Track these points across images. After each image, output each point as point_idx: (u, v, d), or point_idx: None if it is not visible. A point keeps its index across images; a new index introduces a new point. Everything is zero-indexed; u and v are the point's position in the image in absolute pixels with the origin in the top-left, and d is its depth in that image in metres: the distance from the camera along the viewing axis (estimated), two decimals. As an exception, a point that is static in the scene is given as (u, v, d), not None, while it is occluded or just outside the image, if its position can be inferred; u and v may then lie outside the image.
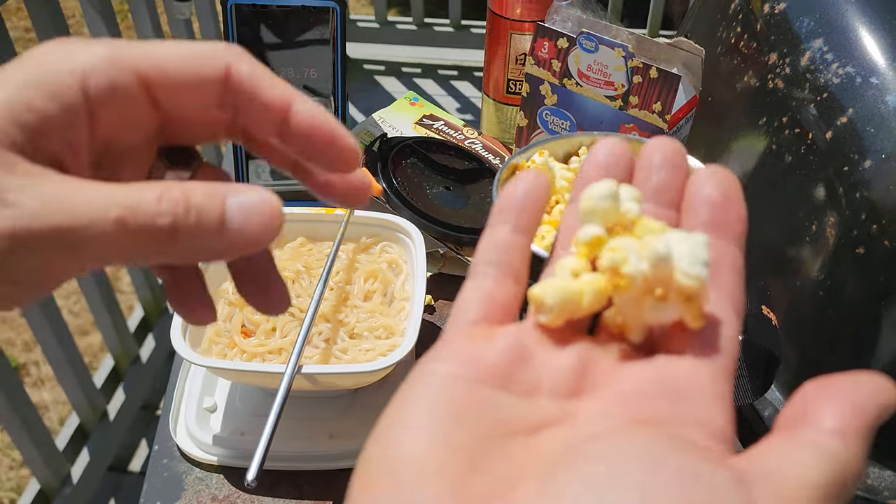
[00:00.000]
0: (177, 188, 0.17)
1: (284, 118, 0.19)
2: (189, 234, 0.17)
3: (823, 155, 0.42)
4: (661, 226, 0.18)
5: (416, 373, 0.17)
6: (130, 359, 1.14)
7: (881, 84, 0.40)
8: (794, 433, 0.16)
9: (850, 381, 0.16)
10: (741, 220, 0.19)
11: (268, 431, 0.37)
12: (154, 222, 0.17)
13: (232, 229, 0.18)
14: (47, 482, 0.95)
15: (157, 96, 0.19)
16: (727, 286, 0.19)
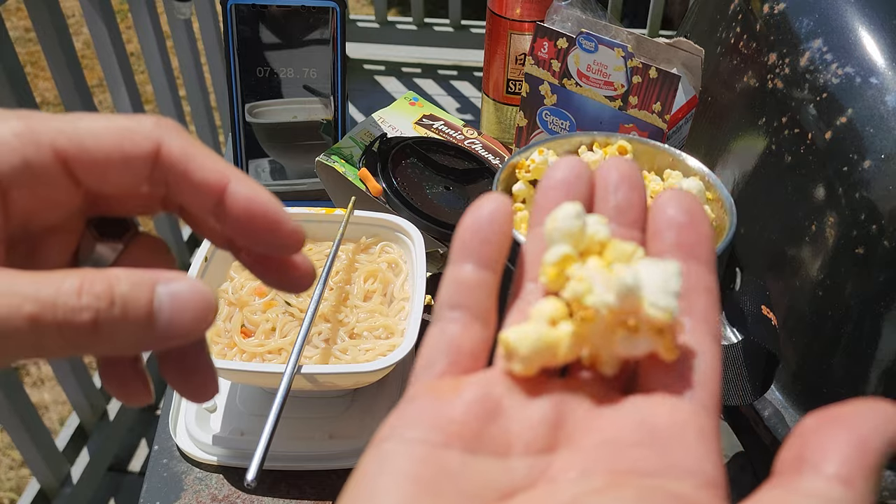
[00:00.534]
0: (99, 279, 0.16)
1: (219, 199, 0.18)
2: (113, 328, 0.16)
3: (823, 155, 0.42)
4: (633, 247, 0.18)
5: (381, 439, 0.16)
6: (130, 359, 1.14)
7: (881, 84, 0.40)
8: (792, 481, 0.14)
9: (851, 414, 0.15)
10: (708, 240, 0.18)
11: (267, 431, 0.37)
12: (73, 318, 0.15)
13: (161, 322, 0.16)
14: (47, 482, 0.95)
15: (77, 175, 0.18)
16: (702, 311, 0.18)
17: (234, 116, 0.60)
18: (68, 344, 0.16)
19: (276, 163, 0.63)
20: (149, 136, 0.18)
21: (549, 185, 0.20)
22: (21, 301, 0.15)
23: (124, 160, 0.18)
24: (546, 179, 0.20)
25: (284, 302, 0.47)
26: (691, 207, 0.18)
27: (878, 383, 0.41)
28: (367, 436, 0.45)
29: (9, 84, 0.78)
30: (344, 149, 0.58)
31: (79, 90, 0.92)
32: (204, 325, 0.17)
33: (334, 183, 0.58)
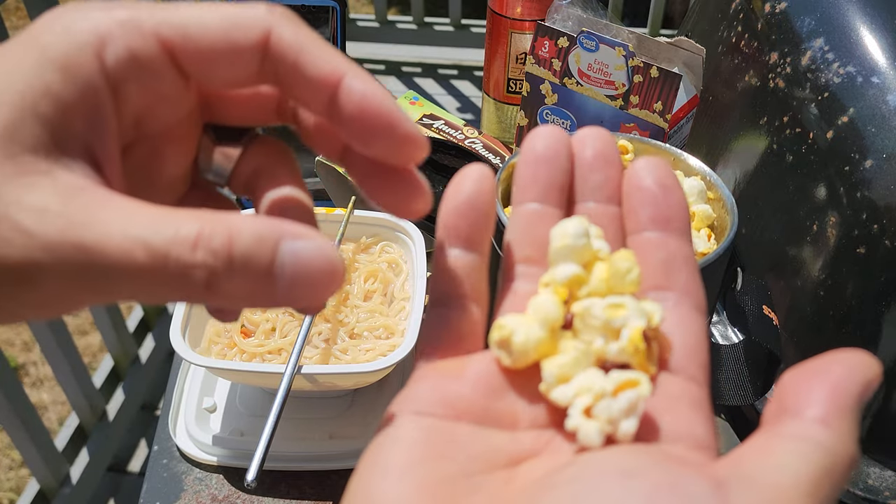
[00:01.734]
0: (219, 229, 0.14)
1: (333, 94, 0.16)
2: (228, 287, 0.15)
3: (824, 154, 0.42)
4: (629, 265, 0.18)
5: (391, 416, 0.17)
6: (130, 359, 1.14)
7: (882, 83, 0.40)
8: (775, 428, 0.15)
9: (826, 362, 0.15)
10: (682, 209, 0.18)
11: (267, 432, 0.37)
12: (186, 275, 0.14)
13: (281, 285, 0.15)
14: (47, 482, 0.95)
15: (185, 67, 0.16)
16: (684, 283, 0.18)
17: (234, 116, 0.60)
18: (177, 296, 0.15)
19: (276, 162, 0.63)
20: (258, 23, 0.16)
21: (531, 159, 0.19)
22: (133, 246, 0.14)
23: (232, 49, 0.16)
24: (526, 153, 0.20)
25: (284, 302, 0.47)
26: (663, 177, 0.19)
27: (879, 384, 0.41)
28: (367, 436, 0.45)
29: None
30: (344, 148, 0.58)
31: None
32: (327, 292, 0.15)
33: (334, 182, 0.58)
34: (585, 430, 0.16)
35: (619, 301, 0.17)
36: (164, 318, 1.24)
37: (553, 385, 0.17)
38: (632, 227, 0.19)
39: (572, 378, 0.17)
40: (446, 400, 0.17)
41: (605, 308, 0.17)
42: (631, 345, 0.17)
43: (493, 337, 0.18)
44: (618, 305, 0.17)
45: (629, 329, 0.17)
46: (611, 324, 0.17)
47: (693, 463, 0.15)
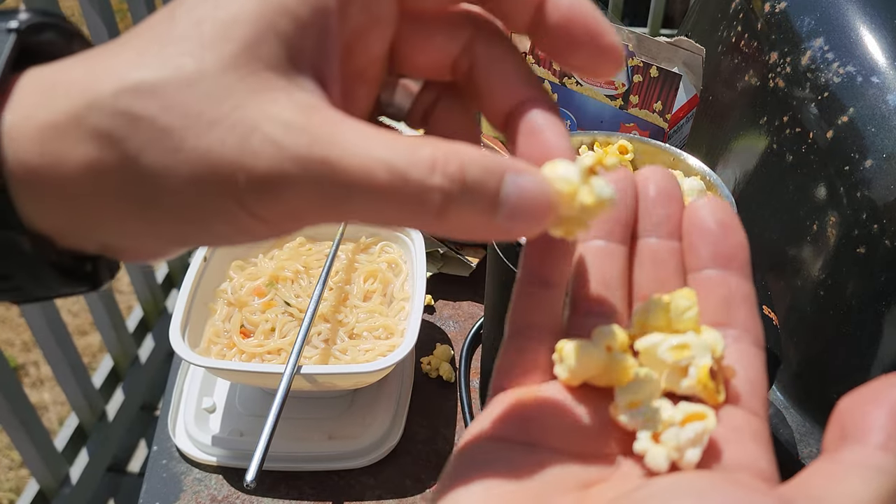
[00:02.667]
0: (452, 156, 0.15)
1: (540, 4, 0.17)
2: (455, 213, 0.15)
3: (824, 154, 0.42)
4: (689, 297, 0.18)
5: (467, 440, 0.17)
6: (129, 359, 1.14)
7: (882, 83, 0.40)
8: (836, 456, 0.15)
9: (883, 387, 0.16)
10: (743, 248, 0.19)
11: (267, 432, 0.37)
12: (423, 197, 0.15)
13: (501, 215, 0.15)
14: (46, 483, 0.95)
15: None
16: (743, 320, 0.19)
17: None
18: (408, 218, 0.15)
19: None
20: None
21: None
22: (375, 165, 0.14)
23: None
24: None
25: (284, 302, 0.47)
26: (725, 217, 0.19)
27: (880, 383, 0.41)
28: (366, 437, 0.45)
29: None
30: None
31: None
32: (542, 224, 0.16)
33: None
34: (653, 454, 0.17)
35: (684, 341, 0.18)
36: (164, 318, 1.24)
37: (623, 409, 0.18)
38: (692, 264, 0.19)
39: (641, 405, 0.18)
40: (521, 424, 0.17)
41: (670, 350, 0.18)
42: (699, 383, 0.17)
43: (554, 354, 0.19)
44: (683, 346, 0.18)
45: (696, 368, 0.18)
46: (678, 363, 0.18)
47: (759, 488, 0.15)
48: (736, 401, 0.18)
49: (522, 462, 0.17)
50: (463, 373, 0.50)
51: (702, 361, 0.17)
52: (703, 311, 0.19)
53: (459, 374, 0.50)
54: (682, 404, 0.17)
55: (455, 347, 0.53)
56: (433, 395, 0.50)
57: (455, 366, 0.51)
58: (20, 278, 0.16)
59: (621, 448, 0.18)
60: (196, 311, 0.45)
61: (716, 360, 0.18)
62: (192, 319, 0.44)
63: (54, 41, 0.17)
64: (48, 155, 0.15)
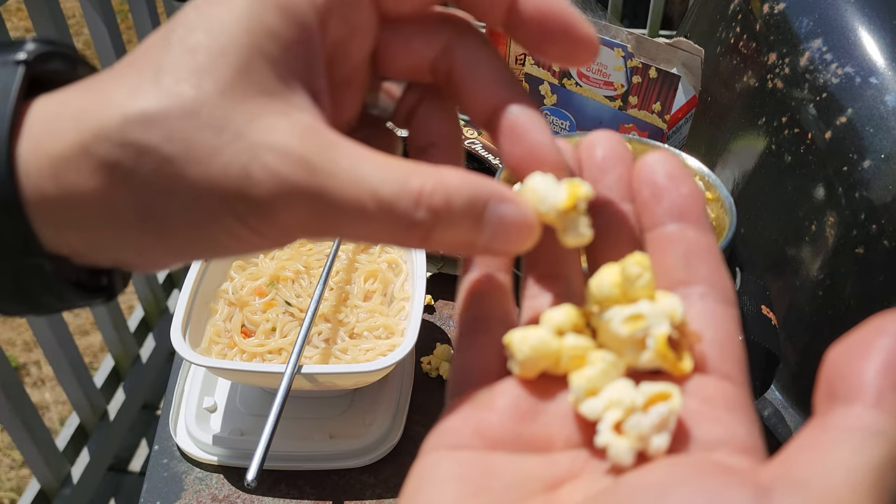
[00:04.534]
0: (439, 188, 0.16)
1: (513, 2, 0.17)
2: (436, 239, 0.16)
3: (823, 155, 0.42)
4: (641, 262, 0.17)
5: (426, 452, 0.17)
6: (131, 359, 1.14)
7: (880, 84, 0.40)
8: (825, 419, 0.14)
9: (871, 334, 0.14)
10: (697, 199, 0.18)
11: (267, 431, 0.37)
12: (406, 229, 0.16)
13: (480, 241, 0.16)
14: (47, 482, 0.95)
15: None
16: (706, 275, 0.17)
17: (235, 116, 0.60)
18: (394, 241, 0.16)
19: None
20: None
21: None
22: (365, 195, 0.15)
23: None
24: None
25: (284, 302, 0.47)
26: (673, 169, 0.18)
27: (878, 383, 0.41)
28: (367, 436, 0.45)
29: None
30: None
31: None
32: (519, 250, 0.17)
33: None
34: (616, 448, 0.15)
35: (637, 311, 0.17)
36: (165, 317, 1.24)
37: (582, 398, 0.17)
38: (648, 223, 0.18)
39: (601, 390, 0.16)
40: (478, 431, 0.17)
41: (623, 322, 0.17)
42: (658, 355, 0.16)
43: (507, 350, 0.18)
44: (636, 316, 0.17)
45: (653, 338, 0.16)
46: (634, 336, 0.17)
47: (736, 470, 0.14)
48: (705, 368, 0.16)
49: (483, 469, 0.16)
50: (463, 372, 0.50)
51: (658, 330, 0.16)
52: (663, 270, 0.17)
53: (459, 374, 0.50)
54: (644, 385, 0.16)
55: (455, 347, 0.53)
56: (433, 395, 0.50)
57: (455, 365, 0.52)
58: (41, 296, 0.17)
59: (586, 439, 0.17)
60: (197, 310, 0.45)
61: (676, 327, 0.16)
62: (194, 319, 0.44)
63: (60, 69, 0.17)
64: (62, 185, 0.15)
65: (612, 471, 0.16)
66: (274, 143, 0.15)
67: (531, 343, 0.17)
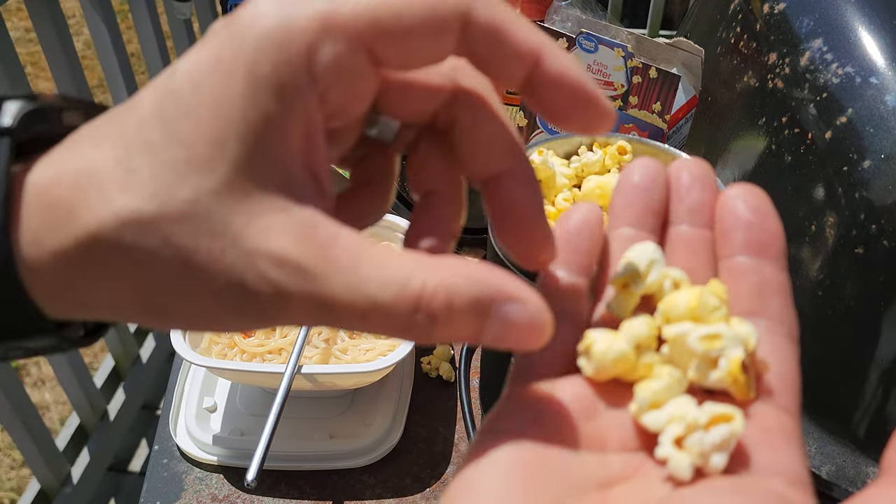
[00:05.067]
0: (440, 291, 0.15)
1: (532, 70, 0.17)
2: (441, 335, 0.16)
3: (823, 155, 0.42)
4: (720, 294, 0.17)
5: (484, 435, 0.17)
6: (131, 359, 1.14)
7: (880, 84, 0.40)
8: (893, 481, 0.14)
9: None
10: (779, 238, 0.18)
11: (267, 431, 0.37)
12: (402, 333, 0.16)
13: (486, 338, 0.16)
14: (48, 482, 0.95)
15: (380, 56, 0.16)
16: (776, 311, 0.18)
17: (235, 116, 0.60)
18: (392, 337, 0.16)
19: (277, 163, 0.63)
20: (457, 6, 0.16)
21: (627, 188, 0.20)
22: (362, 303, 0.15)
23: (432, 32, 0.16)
24: (623, 182, 0.20)
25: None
26: (760, 204, 0.18)
27: (878, 384, 0.41)
28: (367, 436, 0.45)
29: (9, 84, 0.78)
30: (344, 149, 0.58)
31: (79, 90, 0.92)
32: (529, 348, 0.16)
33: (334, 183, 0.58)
34: (676, 462, 0.16)
35: (715, 331, 0.17)
36: (165, 318, 1.24)
37: (645, 409, 0.17)
38: (725, 251, 0.18)
39: (664, 404, 0.17)
40: (538, 420, 0.17)
41: (700, 339, 0.17)
42: (730, 377, 0.17)
43: (579, 346, 0.18)
44: (713, 336, 0.17)
45: (727, 360, 0.17)
46: (708, 354, 0.17)
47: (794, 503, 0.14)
48: (767, 397, 0.17)
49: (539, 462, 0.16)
50: (463, 372, 0.50)
51: (733, 353, 0.16)
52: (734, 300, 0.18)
53: (459, 374, 0.50)
54: (708, 404, 0.16)
55: (455, 347, 0.53)
56: (433, 395, 0.50)
57: (455, 365, 0.52)
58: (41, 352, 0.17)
59: (644, 444, 0.17)
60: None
61: (748, 354, 0.17)
62: (193, 319, 0.44)
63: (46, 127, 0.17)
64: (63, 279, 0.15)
65: (669, 481, 0.16)
66: (270, 250, 0.15)
67: (613, 354, 0.17)
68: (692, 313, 0.17)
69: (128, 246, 0.15)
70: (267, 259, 0.15)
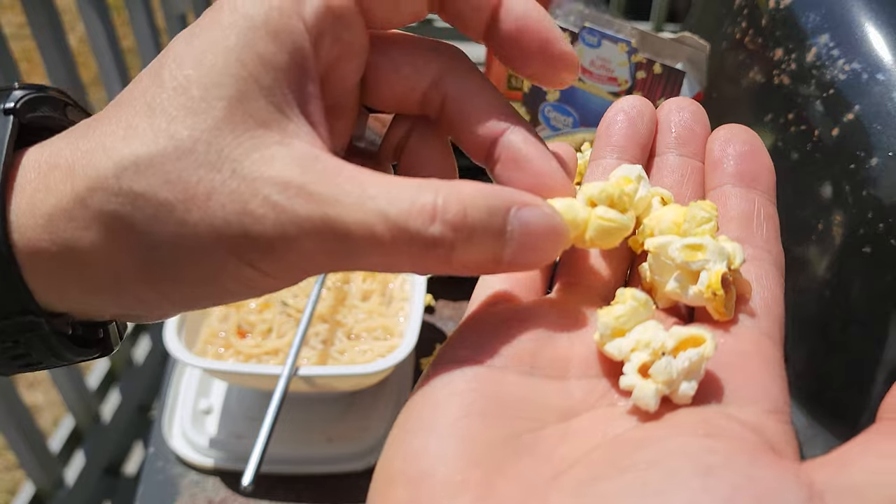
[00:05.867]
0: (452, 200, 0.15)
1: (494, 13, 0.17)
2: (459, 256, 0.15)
3: (830, 152, 0.41)
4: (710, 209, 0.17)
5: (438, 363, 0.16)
6: (125, 360, 1.13)
7: (888, 81, 0.40)
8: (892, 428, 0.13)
9: None
10: (769, 171, 0.18)
11: (264, 434, 0.36)
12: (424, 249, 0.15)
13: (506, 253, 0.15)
14: (41, 485, 0.94)
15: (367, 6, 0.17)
16: (763, 239, 0.17)
17: (231, 113, 0.60)
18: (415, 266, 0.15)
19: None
20: None
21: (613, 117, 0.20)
22: (373, 219, 0.15)
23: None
24: (609, 114, 0.20)
25: (281, 302, 0.46)
26: (750, 139, 0.18)
27: (885, 384, 0.41)
28: (365, 439, 0.45)
29: (3, 80, 0.77)
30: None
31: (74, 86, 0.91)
32: (548, 259, 0.16)
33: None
34: (641, 392, 0.15)
35: (698, 242, 0.16)
36: (161, 318, 1.23)
37: (608, 337, 0.16)
38: (714, 181, 0.18)
39: (629, 331, 0.16)
40: (495, 345, 0.16)
41: (682, 248, 0.16)
42: (709, 290, 0.16)
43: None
44: (696, 246, 0.16)
45: (708, 272, 0.16)
46: (689, 266, 0.16)
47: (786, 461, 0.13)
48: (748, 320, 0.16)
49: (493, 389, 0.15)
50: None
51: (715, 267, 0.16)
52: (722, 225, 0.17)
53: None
54: (675, 328, 0.15)
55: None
56: (433, 397, 0.49)
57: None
58: (38, 354, 0.17)
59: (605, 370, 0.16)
60: (192, 311, 0.44)
61: (731, 271, 0.16)
62: (188, 320, 0.43)
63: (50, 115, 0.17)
64: (58, 241, 0.15)
65: (633, 412, 0.15)
66: (273, 176, 0.15)
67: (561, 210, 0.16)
68: (678, 228, 0.17)
69: (126, 191, 0.15)
70: (270, 183, 0.15)
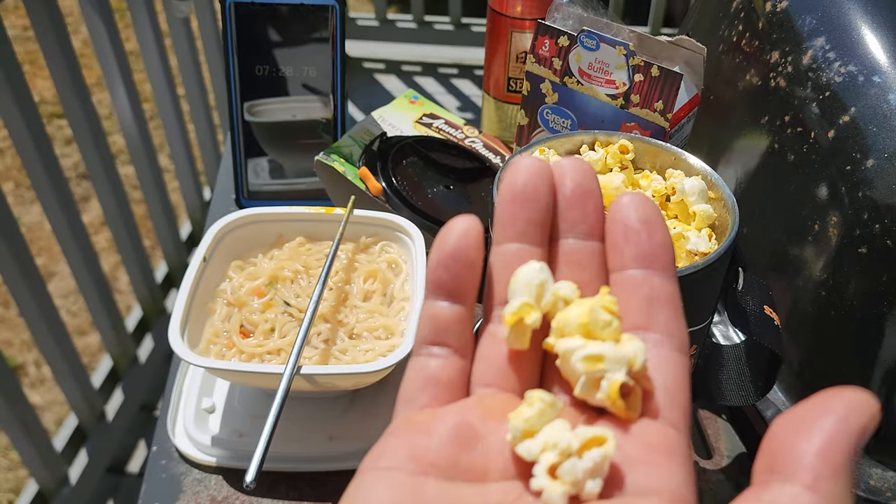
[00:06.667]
0: None
1: None
2: None
3: (826, 154, 0.42)
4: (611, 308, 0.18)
5: (362, 471, 0.17)
6: (129, 359, 1.14)
7: (884, 83, 0.40)
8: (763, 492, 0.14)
9: (818, 412, 0.15)
10: (666, 248, 0.18)
11: (267, 432, 0.37)
12: None
13: None
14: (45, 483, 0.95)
15: None
16: (664, 323, 0.18)
17: (233, 115, 0.60)
18: None
19: (276, 162, 0.63)
20: None
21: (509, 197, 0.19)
22: None
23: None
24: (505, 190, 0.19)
25: (283, 302, 0.47)
26: (647, 214, 0.18)
27: (882, 383, 0.41)
28: (367, 437, 0.45)
29: (7, 83, 0.78)
30: (343, 148, 0.58)
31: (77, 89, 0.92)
32: None
33: (334, 182, 0.58)
34: (549, 494, 0.16)
35: (598, 352, 0.17)
36: (164, 318, 1.24)
37: (519, 439, 0.17)
38: (615, 264, 0.19)
39: (538, 431, 0.17)
40: (414, 454, 0.17)
41: (583, 359, 0.17)
42: (609, 399, 0.17)
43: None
44: (596, 357, 0.17)
45: (608, 381, 0.17)
46: (591, 375, 0.17)
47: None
48: (653, 414, 0.17)
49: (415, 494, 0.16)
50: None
51: (614, 376, 0.17)
52: (624, 314, 0.18)
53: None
54: (581, 428, 0.16)
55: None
56: (433, 396, 0.49)
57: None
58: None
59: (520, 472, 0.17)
60: (195, 311, 0.45)
61: (633, 374, 0.17)
62: (192, 319, 0.44)
63: None
64: None
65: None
66: None
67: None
68: (584, 329, 0.18)
69: None
70: None
